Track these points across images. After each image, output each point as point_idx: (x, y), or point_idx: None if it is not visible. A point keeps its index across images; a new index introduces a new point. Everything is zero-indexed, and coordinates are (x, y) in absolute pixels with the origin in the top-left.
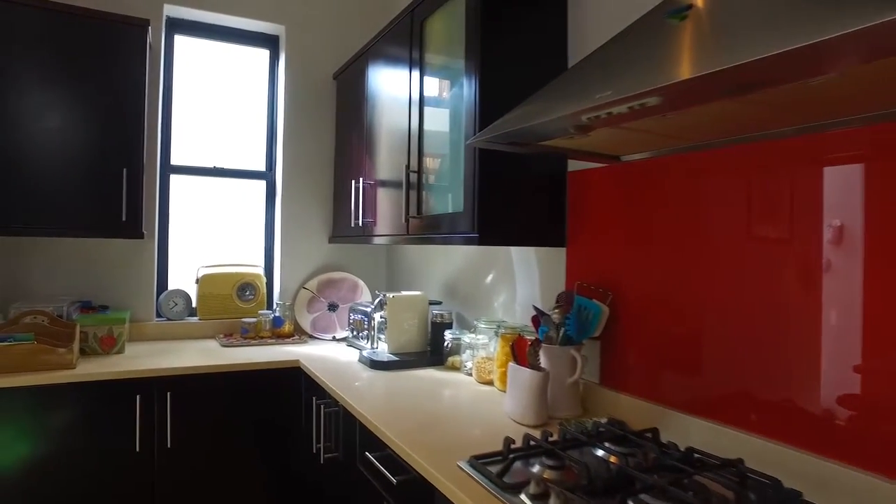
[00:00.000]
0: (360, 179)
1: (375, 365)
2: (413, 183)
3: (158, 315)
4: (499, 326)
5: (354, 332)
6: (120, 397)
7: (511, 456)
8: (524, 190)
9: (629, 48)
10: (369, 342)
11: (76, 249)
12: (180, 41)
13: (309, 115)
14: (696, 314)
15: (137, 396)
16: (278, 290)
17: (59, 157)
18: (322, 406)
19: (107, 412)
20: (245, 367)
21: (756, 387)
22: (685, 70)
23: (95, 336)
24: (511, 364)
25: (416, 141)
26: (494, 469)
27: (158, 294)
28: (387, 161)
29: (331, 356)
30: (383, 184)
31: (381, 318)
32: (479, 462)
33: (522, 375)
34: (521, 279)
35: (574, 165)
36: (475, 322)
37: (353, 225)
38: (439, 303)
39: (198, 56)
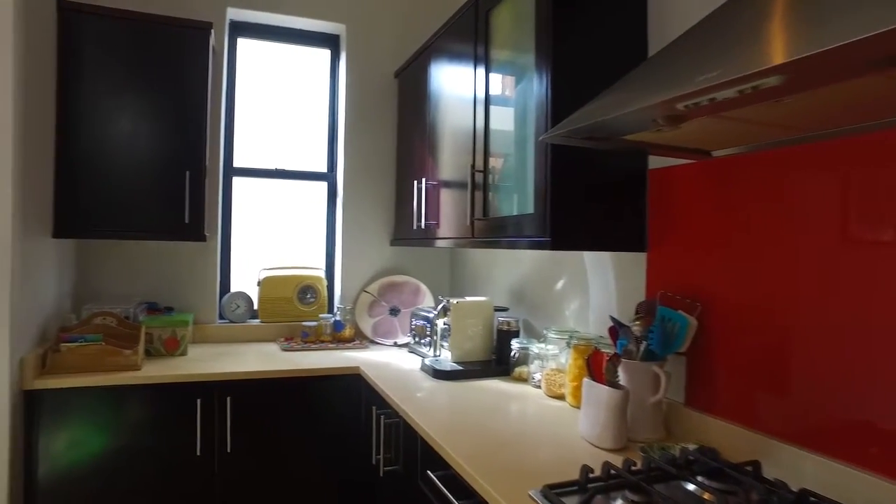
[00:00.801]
0: (423, 180)
1: (438, 374)
2: (478, 184)
3: (221, 317)
4: (571, 337)
5: (416, 338)
6: (182, 400)
7: (589, 487)
8: (599, 190)
9: (732, 24)
10: (432, 349)
11: (144, 251)
12: (243, 44)
13: (370, 114)
14: (800, 327)
15: (198, 400)
16: (339, 293)
17: (127, 161)
18: (382, 417)
19: (170, 414)
20: (304, 374)
21: (878, 416)
22: (822, 40)
23: (160, 338)
24: (586, 380)
25: (482, 140)
26: (571, 502)
27: (221, 296)
28: (450, 161)
29: (392, 363)
30: (447, 184)
31: (444, 324)
32: (553, 492)
33: (599, 393)
34: (596, 286)
35: (655, 162)
36: (544, 331)
37: (415, 227)
38: (506, 309)
39: (260, 58)
